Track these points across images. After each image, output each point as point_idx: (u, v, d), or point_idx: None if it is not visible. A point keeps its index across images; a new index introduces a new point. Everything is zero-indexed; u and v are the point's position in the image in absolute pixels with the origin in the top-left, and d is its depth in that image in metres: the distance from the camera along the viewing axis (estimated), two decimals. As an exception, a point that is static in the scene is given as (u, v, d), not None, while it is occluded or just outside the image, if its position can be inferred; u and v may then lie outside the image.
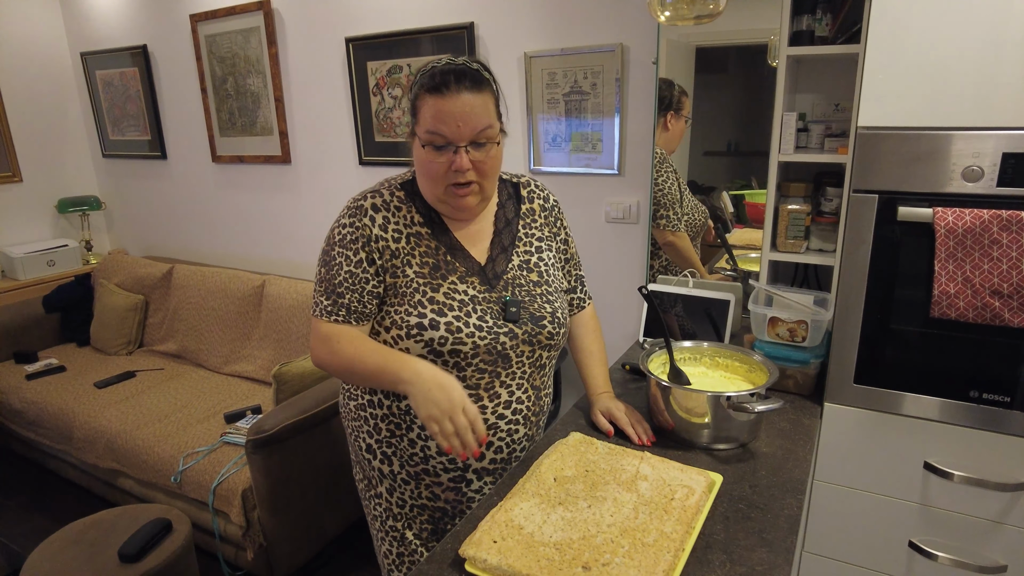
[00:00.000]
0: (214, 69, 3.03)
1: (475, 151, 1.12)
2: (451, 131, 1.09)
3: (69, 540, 1.71)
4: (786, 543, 0.99)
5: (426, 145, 1.11)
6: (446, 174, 1.13)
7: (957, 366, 1.28)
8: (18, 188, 3.51)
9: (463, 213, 1.21)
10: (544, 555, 0.94)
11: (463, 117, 1.09)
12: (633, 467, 1.15)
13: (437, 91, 1.09)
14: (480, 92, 1.11)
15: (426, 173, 1.15)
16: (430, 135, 1.10)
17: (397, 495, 1.29)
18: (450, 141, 1.10)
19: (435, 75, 1.10)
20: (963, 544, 1.37)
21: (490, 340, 1.16)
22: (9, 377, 2.88)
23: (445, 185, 1.14)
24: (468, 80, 1.10)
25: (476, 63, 1.14)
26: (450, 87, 1.08)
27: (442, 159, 1.11)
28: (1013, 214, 1.12)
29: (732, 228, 2.04)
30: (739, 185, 2.00)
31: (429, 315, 1.14)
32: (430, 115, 1.10)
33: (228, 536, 2.12)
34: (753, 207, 1.98)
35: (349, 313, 1.18)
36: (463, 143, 1.10)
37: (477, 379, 1.19)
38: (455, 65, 1.11)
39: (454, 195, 1.15)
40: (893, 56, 1.21)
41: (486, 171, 1.15)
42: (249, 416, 2.41)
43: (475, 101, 1.10)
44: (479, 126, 1.10)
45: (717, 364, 1.44)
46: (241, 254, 3.30)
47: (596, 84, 2.13)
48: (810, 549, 1.53)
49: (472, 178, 1.14)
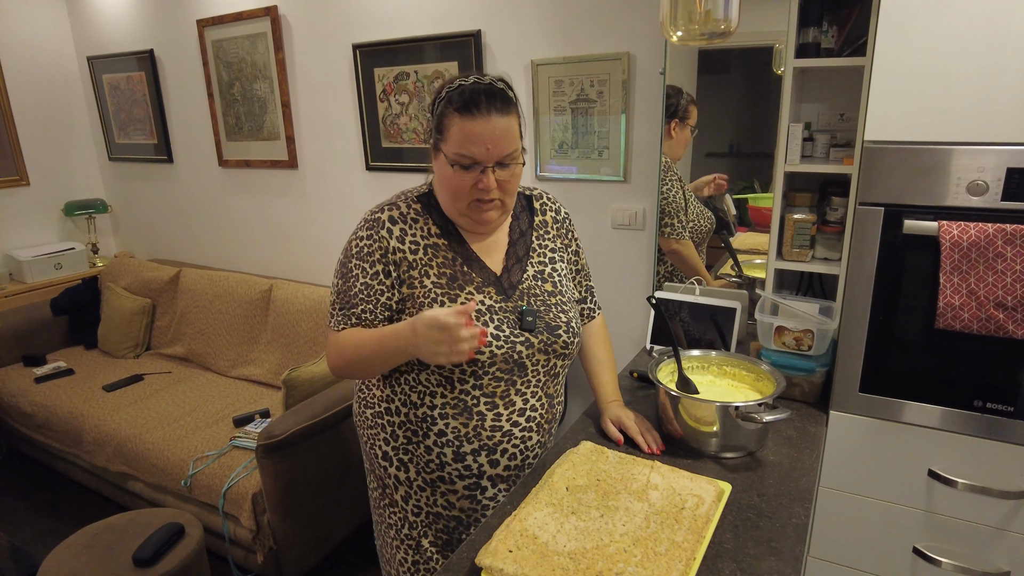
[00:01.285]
0: (221, 74, 3.04)
1: (500, 171, 1.15)
2: (480, 153, 1.11)
3: (83, 544, 1.73)
4: (794, 552, 1.01)
5: (454, 165, 1.13)
6: (471, 191, 1.15)
7: (961, 376, 1.30)
8: (25, 191, 3.53)
9: (484, 227, 1.24)
10: (559, 564, 0.96)
11: (493, 140, 1.10)
12: (644, 476, 1.17)
13: (468, 112, 1.10)
14: (508, 114, 1.13)
15: (450, 190, 1.17)
16: (459, 156, 1.12)
17: (413, 502, 1.31)
18: (478, 162, 1.12)
19: (465, 94, 1.11)
20: (967, 550, 1.39)
21: (507, 349, 1.19)
22: (18, 380, 2.90)
23: (469, 201, 1.17)
24: (498, 102, 1.11)
25: (502, 82, 1.16)
26: (481, 109, 1.10)
27: (468, 178, 1.14)
28: (1017, 228, 1.14)
29: (735, 231, 2.06)
30: (741, 187, 2.01)
31: None
32: (460, 136, 1.11)
33: (238, 539, 2.15)
34: (756, 211, 2.00)
35: (359, 322, 1.21)
36: (491, 164, 1.13)
37: (493, 387, 1.21)
38: (484, 84, 1.12)
39: (477, 210, 1.18)
40: (899, 71, 1.23)
41: (509, 189, 1.18)
42: (258, 420, 2.43)
43: (504, 124, 1.12)
44: (507, 149, 1.13)
45: (724, 373, 1.46)
46: (247, 258, 3.32)
47: (603, 92, 2.15)
48: (816, 554, 1.56)
49: (496, 195, 1.16)
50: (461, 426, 1.22)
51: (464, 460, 1.24)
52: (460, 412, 1.22)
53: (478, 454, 1.24)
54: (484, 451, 1.24)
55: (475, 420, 1.22)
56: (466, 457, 1.24)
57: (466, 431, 1.23)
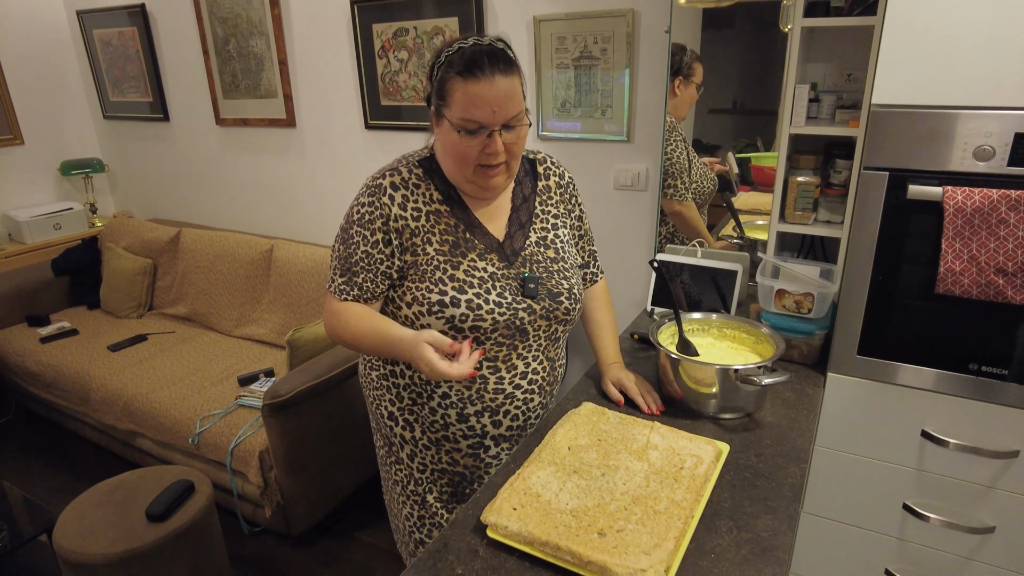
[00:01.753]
0: (215, 30, 2.97)
1: (507, 133, 1.13)
2: (486, 117, 1.09)
3: (97, 500, 1.78)
4: (789, 510, 1.04)
5: (460, 130, 1.11)
6: (478, 156, 1.13)
7: (957, 340, 1.32)
8: (20, 151, 3.49)
9: (490, 192, 1.23)
10: (561, 522, 0.99)
11: (498, 102, 1.08)
12: (644, 436, 1.20)
13: (471, 75, 1.07)
14: (511, 75, 1.10)
15: (455, 156, 1.15)
16: (464, 121, 1.09)
17: (418, 460, 1.35)
18: (484, 126, 1.10)
19: (466, 56, 1.08)
20: (955, 507, 1.44)
21: (509, 316, 1.20)
22: (24, 340, 2.93)
23: (475, 166, 1.15)
24: (501, 63, 1.09)
25: (501, 42, 1.13)
26: (484, 71, 1.07)
27: (474, 143, 1.12)
28: (1022, 194, 1.14)
29: (737, 191, 2.05)
30: (744, 144, 1.99)
31: (450, 292, 1.17)
32: (464, 100, 1.08)
33: (246, 495, 2.20)
34: (759, 170, 1.98)
35: (361, 292, 1.22)
36: (497, 127, 1.11)
37: (495, 352, 1.23)
38: (484, 46, 1.09)
39: (484, 176, 1.16)
40: (909, 32, 1.21)
41: (516, 152, 1.17)
42: (262, 379, 2.47)
43: (508, 85, 1.09)
44: (513, 111, 1.11)
45: (725, 335, 1.48)
46: (247, 218, 3.31)
47: (606, 49, 2.11)
48: (809, 510, 1.61)
49: (503, 159, 1.15)
50: (464, 389, 1.25)
51: (468, 421, 1.27)
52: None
53: (481, 415, 1.27)
54: (487, 412, 1.27)
55: (478, 383, 1.24)
56: (469, 418, 1.27)
57: (469, 393, 1.25)
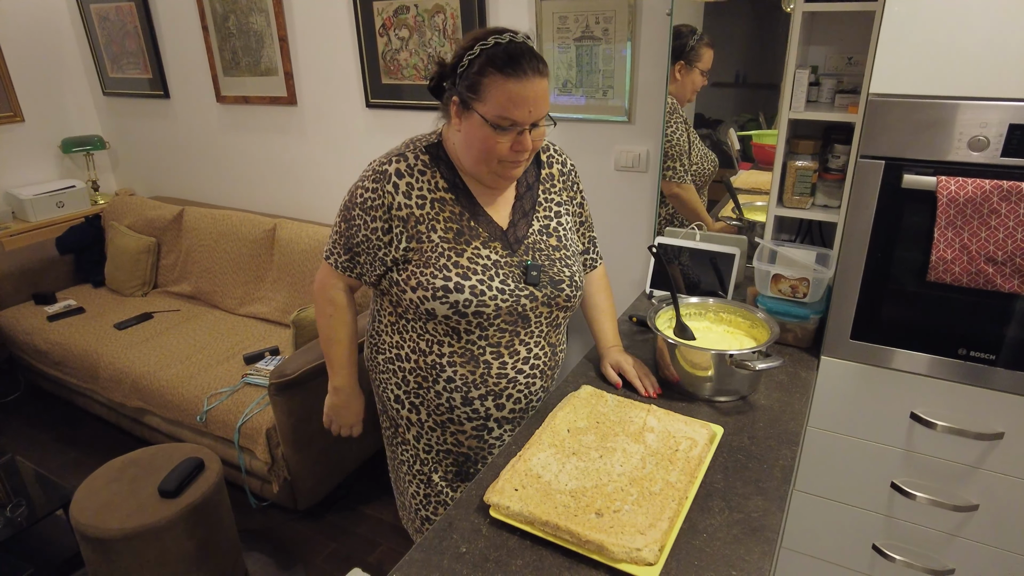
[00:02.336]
0: (214, 6, 2.95)
1: (535, 131, 1.16)
2: (522, 115, 1.10)
3: (111, 477, 1.84)
4: (780, 491, 1.09)
5: (495, 127, 1.11)
6: (501, 154, 1.15)
7: (948, 325, 1.35)
8: (20, 128, 3.48)
9: (507, 183, 1.26)
10: (561, 502, 1.04)
11: (535, 103, 1.10)
12: (640, 419, 1.24)
13: (513, 73, 1.08)
14: (545, 76, 1.12)
15: (482, 149, 1.15)
16: (499, 118, 1.10)
17: (424, 441, 1.39)
18: (517, 123, 1.12)
19: (508, 53, 1.08)
20: (941, 485, 1.49)
21: (512, 302, 1.23)
22: (31, 318, 2.97)
23: (498, 160, 1.17)
24: (539, 63, 1.10)
25: (529, 39, 1.14)
26: (526, 71, 1.08)
27: (505, 139, 1.13)
28: (1014, 185, 1.16)
29: (738, 168, 2.05)
30: (746, 119, 1.99)
31: (454, 278, 1.20)
32: (503, 98, 1.08)
33: (254, 470, 2.26)
34: (760, 148, 1.99)
35: (363, 272, 1.29)
36: (528, 125, 1.13)
37: (498, 337, 1.26)
38: (520, 43, 1.11)
39: (507, 168, 1.18)
40: (908, 24, 1.22)
41: (537, 148, 1.20)
42: (268, 357, 2.51)
43: (544, 86, 1.12)
44: (545, 110, 1.14)
45: (721, 319, 1.51)
46: (248, 195, 3.32)
47: (608, 30, 2.10)
48: (800, 487, 1.66)
49: (528, 155, 1.18)
50: (468, 373, 1.28)
51: (472, 404, 1.31)
52: (467, 361, 1.27)
53: (485, 399, 1.31)
54: (491, 396, 1.31)
55: (482, 368, 1.28)
56: (474, 402, 1.31)
57: (473, 378, 1.29)
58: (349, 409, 1.51)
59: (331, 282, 1.36)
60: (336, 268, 1.32)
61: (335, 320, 1.38)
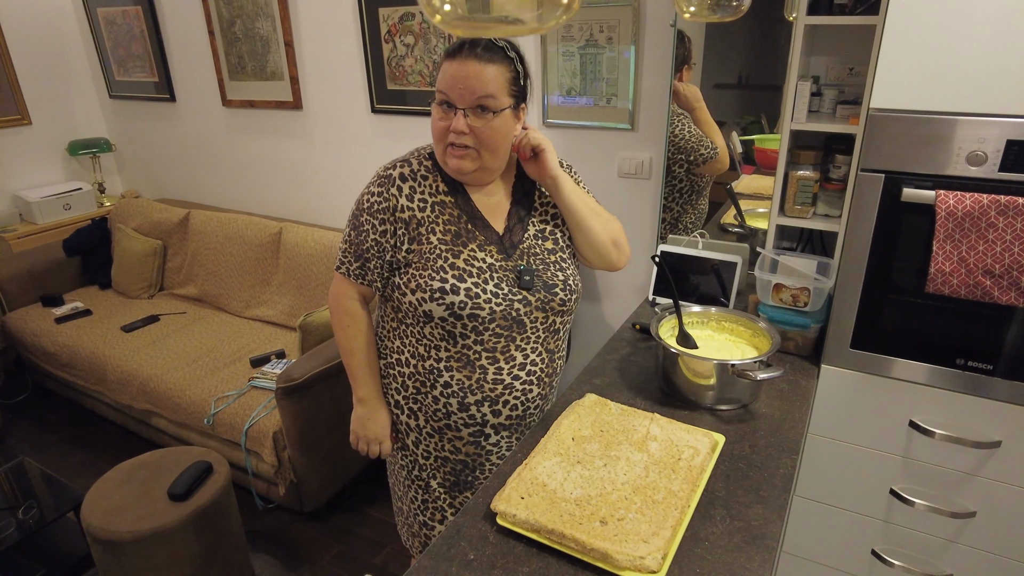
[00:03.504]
0: (221, 11, 2.98)
1: (474, 117, 1.19)
2: (455, 94, 1.18)
3: (120, 480, 1.87)
4: (780, 500, 1.11)
5: (440, 104, 1.20)
6: (445, 134, 1.21)
7: (946, 336, 1.38)
8: (28, 131, 3.51)
9: (462, 177, 1.29)
10: (566, 510, 1.06)
11: (466, 81, 1.17)
12: (644, 428, 1.27)
13: (451, 56, 1.18)
14: (490, 62, 1.18)
15: (434, 132, 1.24)
16: (439, 94, 1.20)
17: (422, 447, 1.42)
18: (452, 103, 1.19)
19: (455, 42, 1.20)
20: (939, 492, 1.51)
21: (505, 306, 1.26)
22: (39, 320, 3.00)
23: (445, 145, 1.23)
24: (481, 48, 1.17)
25: (504, 41, 1.20)
26: (463, 52, 1.17)
27: (444, 120, 1.21)
28: (1011, 200, 1.19)
29: (740, 170, 2.07)
30: (748, 122, 2.01)
31: (450, 280, 1.23)
32: (442, 77, 1.19)
33: (260, 473, 2.29)
34: (762, 152, 2.00)
35: (375, 279, 1.32)
36: (463, 106, 1.18)
37: (494, 343, 1.29)
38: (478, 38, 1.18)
39: (450, 155, 1.24)
40: (910, 34, 1.24)
41: (483, 139, 1.21)
42: (274, 361, 2.54)
43: (479, 68, 1.17)
44: (480, 92, 1.17)
45: (723, 328, 1.53)
46: (254, 199, 3.35)
47: (612, 38, 2.12)
48: (800, 493, 1.68)
49: (468, 143, 1.21)
50: (465, 378, 1.31)
51: (468, 410, 1.34)
52: (463, 365, 1.30)
53: (481, 405, 1.33)
54: (487, 402, 1.33)
55: (477, 373, 1.30)
56: (470, 407, 1.33)
57: (469, 383, 1.31)
58: (376, 421, 1.43)
59: (345, 292, 1.37)
60: (349, 277, 1.34)
61: (352, 330, 1.39)
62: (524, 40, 2.25)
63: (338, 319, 1.39)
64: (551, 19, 0.47)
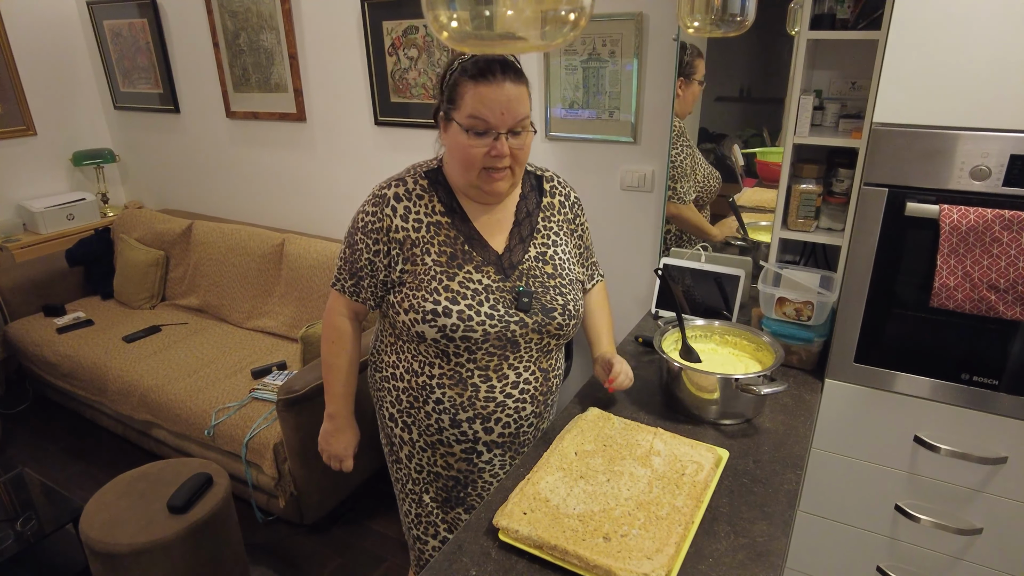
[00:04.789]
0: (226, 23, 3.00)
1: (513, 139, 1.18)
2: (494, 117, 1.14)
3: (120, 491, 1.86)
4: (785, 516, 1.10)
5: (469, 130, 1.16)
6: (483, 159, 1.18)
7: (951, 350, 1.37)
8: (33, 141, 3.53)
9: (493, 197, 1.28)
10: (569, 526, 1.05)
11: (507, 105, 1.14)
12: (647, 442, 1.26)
13: (483, 78, 1.14)
14: (520, 83, 1.17)
15: (463, 157, 1.20)
16: (472, 120, 1.15)
17: (416, 461, 1.41)
18: (492, 127, 1.15)
19: (479, 63, 1.15)
20: (944, 508, 1.50)
21: (500, 328, 1.25)
22: (41, 330, 3.00)
23: (480, 169, 1.20)
24: (512, 71, 1.16)
25: (512, 57, 1.19)
26: (496, 75, 1.14)
27: (482, 145, 1.17)
28: (1015, 214, 1.19)
29: (742, 184, 2.07)
30: (749, 135, 2.01)
31: (443, 303, 1.22)
32: (474, 101, 1.14)
33: (260, 485, 2.28)
34: (764, 165, 2.01)
35: (368, 296, 1.33)
36: (504, 130, 1.16)
37: (486, 361, 1.28)
38: (497, 56, 1.16)
39: (488, 179, 1.21)
40: (912, 49, 1.24)
41: (520, 158, 1.22)
42: (275, 372, 2.53)
43: (517, 91, 1.16)
44: (520, 115, 1.17)
45: (726, 342, 1.53)
46: (257, 210, 3.36)
47: (615, 52, 2.14)
48: (805, 509, 1.67)
49: (508, 164, 1.20)
50: (456, 396, 1.30)
51: (460, 427, 1.33)
52: (456, 383, 1.29)
53: (473, 422, 1.32)
54: (479, 419, 1.32)
55: (469, 391, 1.29)
56: (462, 424, 1.32)
57: (461, 400, 1.30)
58: (339, 440, 1.48)
59: (338, 308, 1.38)
60: (343, 293, 1.35)
61: (336, 347, 1.40)
62: (525, 55, 2.26)
63: (327, 333, 1.41)
64: (558, 36, 0.47)
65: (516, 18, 0.47)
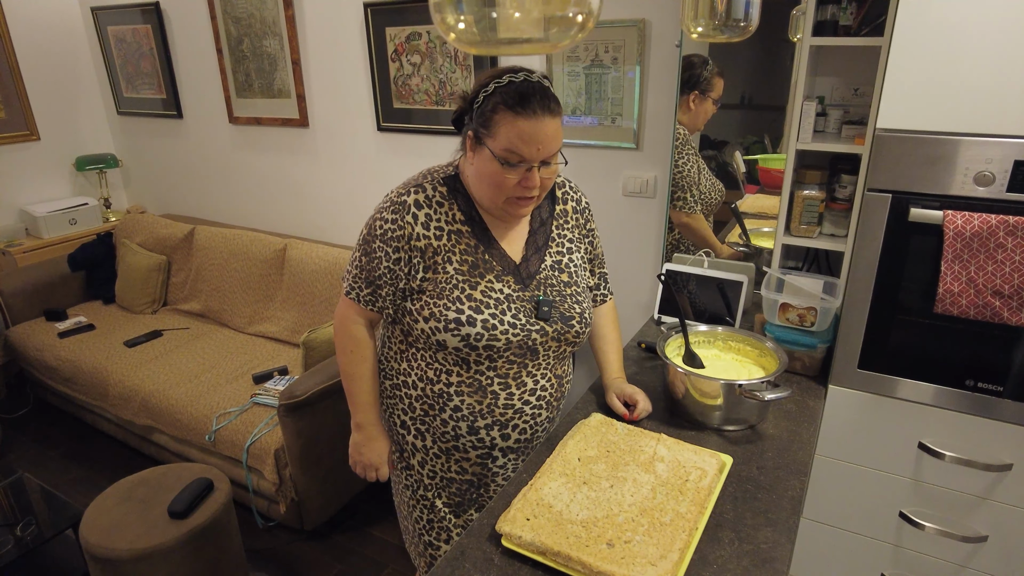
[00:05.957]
0: (229, 29, 3.01)
1: (544, 169, 1.17)
2: (530, 152, 1.13)
3: (120, 496, 1.85)
4: (789, 523, 1.10)
5: (503, 162, 1.14)
6: (510, 189, 1.17)
7: (955, 356, 1.36)
8: (36, 146, 3.53)
9: (517, 220, 1.28)
10: (572, 532, 1.04)
11: (544, 141, 1.13)
12: (651, 448, 1.25)
13: (522, 111, 1.11)
14: (557, 115, 1.14)
15: (492, 184, 1.18)
16: (507, 153, 1.13)
17: (428, 467, 1.40)
18: (526, 160, 1.14)
19: (520, 92, 1.11)
20: (949, 516, 1.49)
21: (523, 336, 1.25)
22: (42, 335, 3.00)
23: (507, 196, 1.19)
24: (551, 103, 1.13)
25: (546, 80, 1.17)
26: (535, 110, 1.11)
27: (513, 175, 1.15)
28: (1020, 220, 1.18)
29: (744, 191, 2.08)
30: (751, 142, 2.01)
31: (467, 311, 1.22)
32: (511, 134, 1.12)
33: (261, 491, 2.27)
34: (766, 172, 2.01)
35: (385, 305, 1.30)
36: (537, 162, 1.15)
37: (506, 369, 1.28)
38: (535, 83, 1.13)
39: (515, 205, 1.20)
40: (916, 56, 1.25)
41: (547, 185, 1.21)
42: (276, 377, 2.52)
43: (555, 126, 1.14)
44: (555, 149, 1.16)
45: (730, 348, 1.53)
46: (260, 216, 3.36)
47: (617, 58, 2.14)
48: (808, 516, 1.66)
49: (536, 193, 1.20)
50: (476, 403, 1.29)
51: (478, 433, 1.32)
52: (475, 391, 1.29)
53: (491, 428, 1.32)
54: (497, 426, 1.32)
55: (489, 398, 1.29)
56: (480, 431, 1.32)
57: (480, 408, 1.30)
58: (371, 448, 1.42)
59: (352, 317, 1.35)
60: (359, 303, 1.31)
61: (356, 356, 1.36)
62: (529, 60, 2.27)
63: (342, 344, 1.36)
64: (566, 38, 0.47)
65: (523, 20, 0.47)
